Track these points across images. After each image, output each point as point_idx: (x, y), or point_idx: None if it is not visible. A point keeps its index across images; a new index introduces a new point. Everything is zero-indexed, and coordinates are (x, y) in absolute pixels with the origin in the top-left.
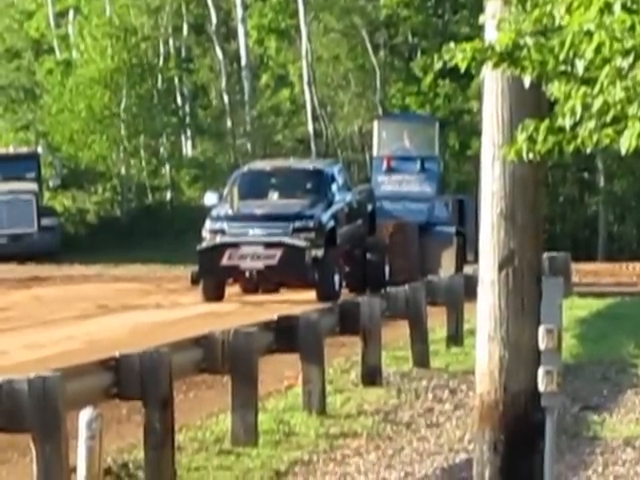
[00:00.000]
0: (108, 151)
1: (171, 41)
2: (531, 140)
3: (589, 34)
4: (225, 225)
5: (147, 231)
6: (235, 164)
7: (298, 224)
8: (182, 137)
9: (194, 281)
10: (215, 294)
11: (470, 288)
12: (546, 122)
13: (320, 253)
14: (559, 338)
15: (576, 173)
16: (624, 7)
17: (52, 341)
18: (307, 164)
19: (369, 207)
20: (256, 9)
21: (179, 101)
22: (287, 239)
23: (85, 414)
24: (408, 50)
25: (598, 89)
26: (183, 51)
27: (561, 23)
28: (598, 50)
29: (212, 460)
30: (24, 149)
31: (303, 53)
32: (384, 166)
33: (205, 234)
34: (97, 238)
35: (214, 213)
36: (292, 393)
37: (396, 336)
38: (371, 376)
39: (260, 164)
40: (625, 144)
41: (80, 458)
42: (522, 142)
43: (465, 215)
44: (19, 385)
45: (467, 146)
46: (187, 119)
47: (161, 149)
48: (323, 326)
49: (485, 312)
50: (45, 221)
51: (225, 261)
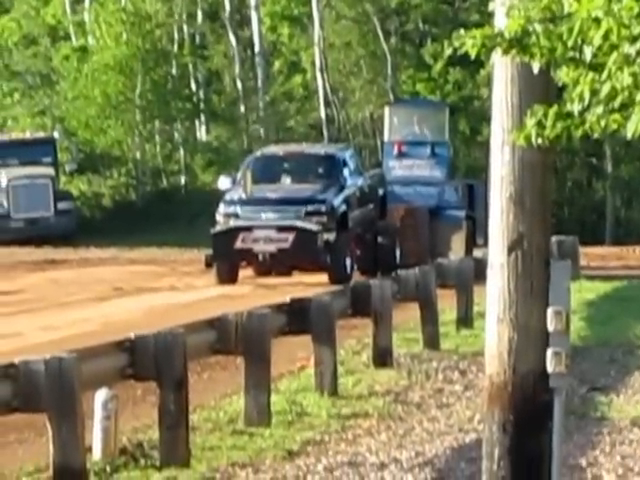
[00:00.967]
0: (123, 136)
1: (185, 28)
2: (540, 125)
3: (597, 21)
4: (238, 209)
5: (162, 215)
6: (248, 149)
7: (310, 208)
8: (196, 122)
9: (208, 264)
10: (228, 277)
11: (479, 271)
12: (555, 108)
13: (332, 237)
14: (567, 320)
15: (584, 158)
16: None
17: (68, 323)
18: (319, 149)
19: (380, 191)
20: None
21: (193, 87)
22: (299, 223)
23: (101, 394)
24: (419, 37)
25: (606, 75)
26: (197, 38)
27: (569, 10)
28: (606, 37)
29: (226, 440)
30: (41, 134)
31: (315, 40)
32: (395, 151)
33: (219, 218)
34: (112, 222)
35: (228, 197)
36: (304, 374)
37: (407, 318)
38: (382, 357)
39: (273, 149)
40: (632, 129)
41: (96, 438)
42: (531, 127)
43: (475, 199)
44: (36, 366)
45: (477, 132)
46: (201, 105)
47: (175, 134)
48: (335, 308)
49: (494, 294)
50: (61, 205)
51: (238, 244)
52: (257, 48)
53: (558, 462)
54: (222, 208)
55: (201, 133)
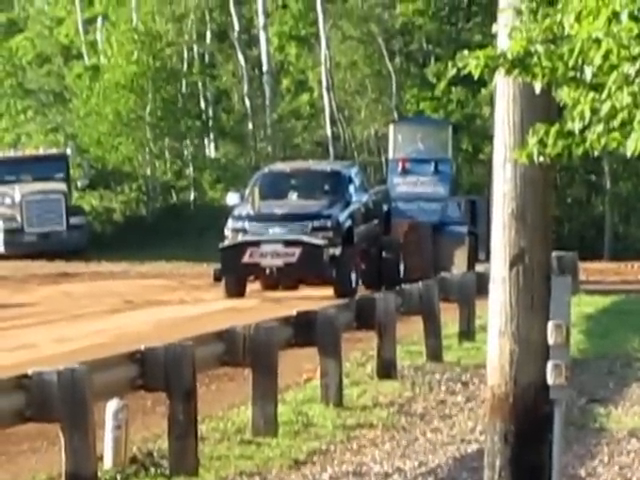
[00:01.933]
0: (134, 153)
1: (195, 47)
2: (541, 143)
3: (597, 42)
4: (246, 224)
5: (171, 230)
6: (256, 166)
7: (316, 223)
8: (205, 140)
9: (216, 278)
10: (236, 290)
11: (481, 285)
12: (556, 126)
13: (337, 251)
14: (567, 333)
15: (583, 175)
16: (631, 16)
17: (80, 335)
18: (325, 166)
19: (385, 207)
20: (277, 17)
21: (202, 105)
22: (306, 238)
23: (112, 405)
24: (423, 57)
25: (606, 94)
26: (207, 57)
27: (570, 31)
28: (606, 57)
29: (233, 450)
30: (54, 151)
31: (322, 59)
32: (399, 168)
33: (227, 233)
34: (123, 236)
35: (236, 212)
36: (310, 386)
37: (410, 331)
38: (386, 369)
39: (280, 166)
40: (631, 147)
41: (107, 447)
42: (533, 145)
43: (477, 215)
44: (49, 377)
45: (479, 149)
46: (210, 122)
47: (185, 151)
48: (340, 321)
49: (496, 308)
50: (74, 220)
51: (246, 259)
52: (265, 67)
53: (558, 472)
54: (230, 223)
55: (210, 150)
